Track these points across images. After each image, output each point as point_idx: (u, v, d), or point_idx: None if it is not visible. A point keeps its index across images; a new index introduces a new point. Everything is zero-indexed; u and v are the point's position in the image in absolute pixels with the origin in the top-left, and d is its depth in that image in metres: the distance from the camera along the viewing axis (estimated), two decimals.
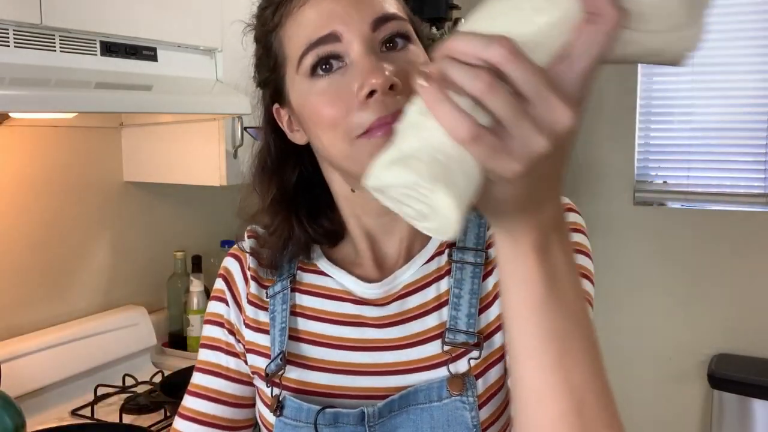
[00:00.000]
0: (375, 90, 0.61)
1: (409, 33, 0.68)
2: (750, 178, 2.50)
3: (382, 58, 0.64)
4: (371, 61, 0.63)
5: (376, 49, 0.65)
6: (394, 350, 0.72)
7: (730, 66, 2.48)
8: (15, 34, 1.22)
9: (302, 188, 0.77)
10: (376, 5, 0.66)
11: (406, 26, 0.68)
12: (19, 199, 1.66)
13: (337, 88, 0.65)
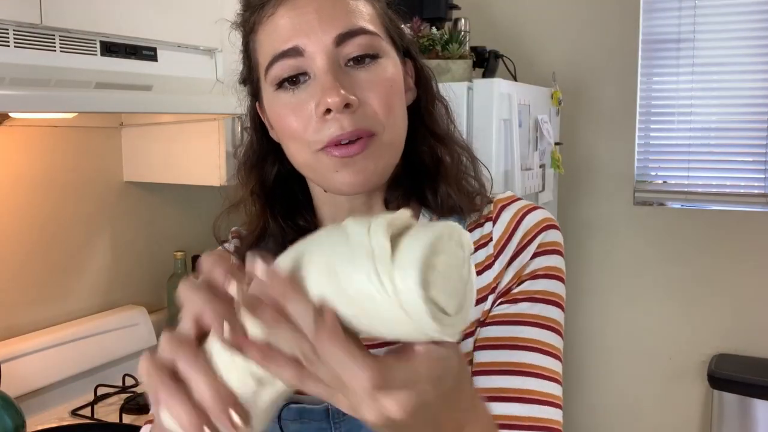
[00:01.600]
0: (330, 108, 0.64)
1: (377, 48, 0.68)
2: (750, 178, 2.50)
3: (344, 75, 0.66)
4: (328, 79, 0.64)
5: (338, 65, 0.66)
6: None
7: (730, 66, 2.48)
8: (15, 34, 1.22)
9: (281, 184, 0.78)
10: (342, 20, 0.66)
11: (373, 41, 0.68)
12: (19, 199, 1.66)
13: (298, 103, 0.67)
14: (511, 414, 0.65)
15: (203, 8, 1.62)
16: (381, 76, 0.68)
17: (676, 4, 2.53)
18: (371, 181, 0.68)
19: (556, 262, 0.74)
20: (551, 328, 0.70)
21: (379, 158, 0.68)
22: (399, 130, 0.70)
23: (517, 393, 0.66)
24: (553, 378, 0.68)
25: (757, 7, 2.43)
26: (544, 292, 0.71)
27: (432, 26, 2.39)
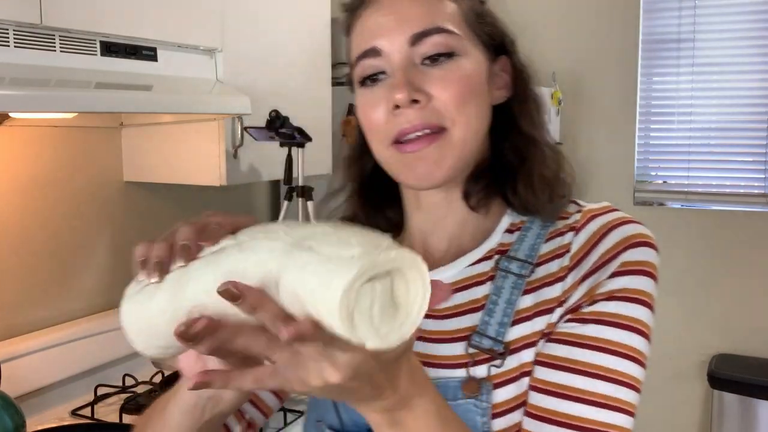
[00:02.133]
0: (398, 105, 0.67)
1: (454, 47, 0.69)
2: (750, 178, 2.50)
3: (418, 72, 0.68)
4: (398, 76, 0.68)
5: (411, 64, 0.69)
6: (425, 342, 0.71)
7: (730, 66, 2.48)
8: (15, 34, 1.22)
9: (375, 178, 0.80)
10: (418, 20, 0.69)
11: (449, 40, 0.69)
12: (19, 199, 1.66)
13: (375, 100, 0.71)
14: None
15: (203, 8, 1.62)
16: (455, 73, 0.69)
17: (676, 4, 2.53)
18: (437, 176, 0.69)
19: (640, 284, 0.65)
20: (621, 354, 0.64)
21: (447, 154, 0.69)
22: (472, 127, 0.70)
23: (567, 419, 0.63)
24: (613, 407, 0.64)
25: (757, 7, 2.43)
26: (616, 316, 0.64)
27: None
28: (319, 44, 2.13)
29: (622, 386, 0.64)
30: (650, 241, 0.67)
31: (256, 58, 1.83)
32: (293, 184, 1.80)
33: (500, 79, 0.75)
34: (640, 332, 0.64)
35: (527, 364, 0.67)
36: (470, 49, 0.71)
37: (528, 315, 0.68)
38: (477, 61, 0.71)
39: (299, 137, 1.74)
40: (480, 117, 0.71)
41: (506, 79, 0.76)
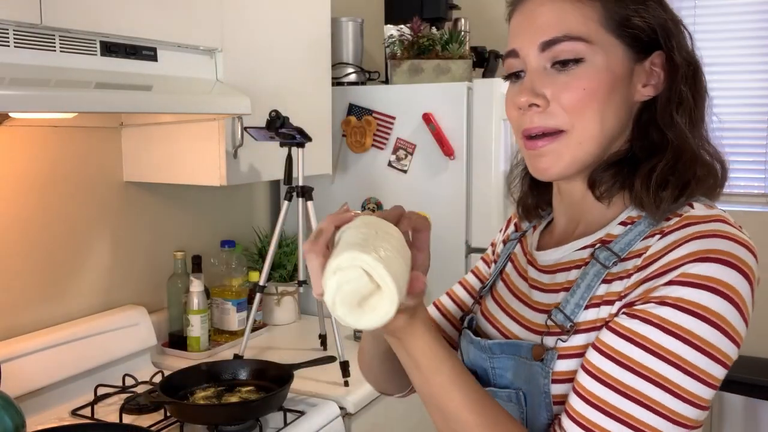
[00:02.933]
0: (519, 107, 0.77)
1: (580, 53, 0.74)
2: (750, 178, 2.50)
3: (546, 76, 0.76)
4: (526, 80, 0.77)
5: (542, 68, 0.76)
6: (526, 306, 0.84)
7: (730, 66, 2.48)
8: (15, 34, 1.22)
9: None
10: (549, 28, 0.75)
11: (576, 47, 0.74)
12: (19, 199, 1.66)
13: (513, 95, 0.79)
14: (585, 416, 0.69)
15: (203, 8, 1.62)
16: (580, 78, 0.74)
17: (676, 4, 2.52)
18: (554, 171, 0.77)
19: (698, 297, 0.66)
20: (659, 355, 0.66)
21: (565, 152, 0.76)
22: (591, 129, 0.75)
23: (599, 402, 0.68)
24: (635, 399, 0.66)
25: (757, 7, 2.43)
26: (664, 320, 0.66)
27: (432, 26, 2.40)
28: (319, 44, 2.13)
29: (658, 388, 0.66)
30: (727, 259, 0.67)
31: (256, 58, 1.83)
32: (293, 184, 1.80)
33: (651, 75, 0.78)
34: (685, 341, 0.65)
35: (587, 345, 0.73)
36: (604, 52, 0.74)
37: (598, 302, 0.74)
38: (612, 63, 0.75)
39: (299, 137, 1.74)
40: (605, 118, 0.75)
41: (659, 75, 0.78)
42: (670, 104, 0.77)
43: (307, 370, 1.72)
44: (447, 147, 2.17)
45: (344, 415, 1.66)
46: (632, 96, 0.77)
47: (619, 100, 0.75)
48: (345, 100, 2.34)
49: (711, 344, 0.65)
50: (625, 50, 0.75)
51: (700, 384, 0.66)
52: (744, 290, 0.67)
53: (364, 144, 2.30)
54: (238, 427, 1.47)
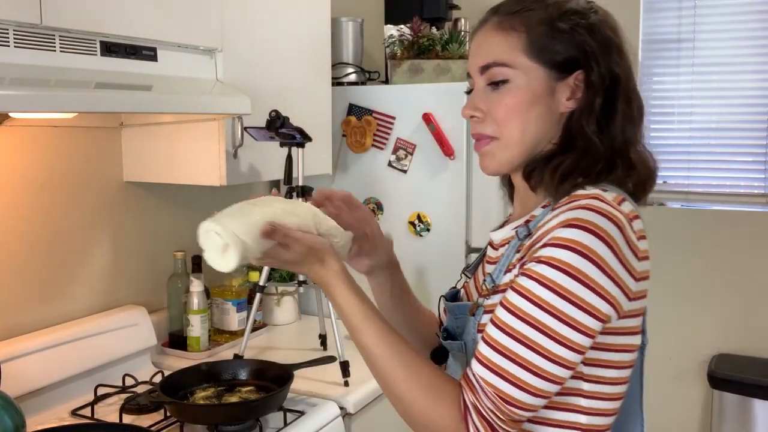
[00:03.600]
0: (464, 117, 0.98)
1: (505, 75, 0.93)
2: (750, 178, 2.50)
3: (485, 93, 0.95)
4: (471, 97, 0.97)
5: (482, 87, 0.96)
6: (483, 276, 1.05)
7: (730, 66, 2.48)
8: (15, 34, 1.22)
9: None
10: (484, 55, 0.95)
11: (502, 71, 0.93)
12: (19, 199, 1.66)
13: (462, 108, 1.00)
14: (488, 357, 0.86)
15: (203, 8, 1.62)
16: (505, 96, 0.93)
17: (676, 4, 2.53)
18: (490, 169, 0.98)
19: (562, 255, 0.82)
20: (538, 305, 0.82)
21: (495, 154, 0.96)
22: (514, 136, 0.93)
23: (498, 345, 0.85)
24: (500, 327, 0.85)
25: (757, 7, 2.43)
26: (540, 275, 0.83)
27: (432, 26, 2.39)
28: (319, 44, 2.13)
29: (534, 329, 0.83)
30: (586, 225, 0.82)
31: (256, 58, 1.83)
32: (293, 184, 1.80)
33: (574, 90, 0.93)
34: (557, 292, 0.82)
35: (499, 302, 0.90)
36: (525, 75, 0.92)
37: (511, 268, 0.93)
38: (532, 83, 0.92)
39: (299, 137, 1.74)
40: (526, 127, 0.93)
41: (580, 90, 0.93)
42: (582, 114, 0.93)
43: (307, 370, 1.72)
44: (447, 147, 2.17)
45: (344, 415, 1.66)
46: (558, 107, 0.93)
47: (541, 112, 0.92)
48: (345, 100, 2.34)
49: (575, 294, 0.81)
50: (545, 72, 0.92)
51: (569, 328, 0.81)
52: (601, 250, 0.81)
53: (364, 144, 2.30)
54: (238, 427, 1.47)
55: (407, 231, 2.29)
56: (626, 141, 0.94)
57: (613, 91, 0.93)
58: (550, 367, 0.82)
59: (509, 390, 0.83)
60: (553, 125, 0.94)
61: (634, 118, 0.95)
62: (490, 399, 0.84)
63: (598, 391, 0.90)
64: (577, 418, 0.90)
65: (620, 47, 0.95)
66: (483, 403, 0.84)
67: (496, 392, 0.83)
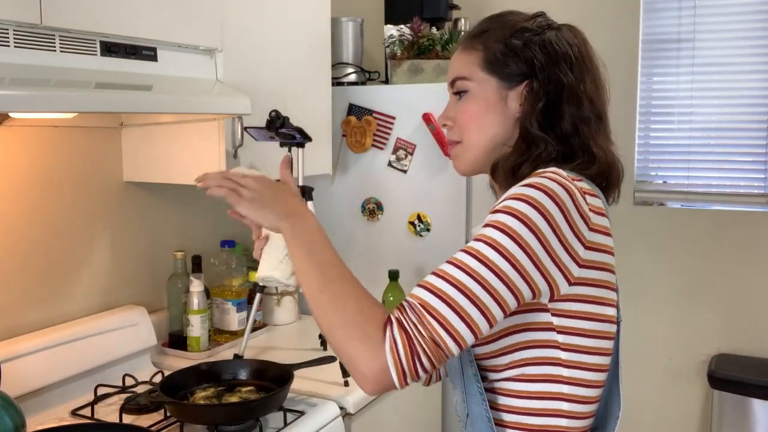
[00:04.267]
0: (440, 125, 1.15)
1: (466, 87, 1.08)
2: (750, 178, 2.50)
3: (455, 103, 1.11)
4: (446, 107, 1.13)
5: (454, 97, 1.11)
6: None
7: (730, 66, 2.48)
8: (15, 34, 1.22)
9: None
10: (452, 72, 1.11)
11: (464, 84, 1.08)
12: (18, 199, 1.66)
13: None
14: (426, 279, 0.91)
15: (203, 8, 1.62)
16: (465, 106, 1.09)
17: (676, 4, 2.53)
18: (460, 169, 1.12)
19: (517, 205, 0.90)
20: (475, 237, 0.91)
21: (460, 157, 1.11)
22: (474, 139, 1.08)
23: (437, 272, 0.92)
24: (434, 272, 0.91)
25: (757, 7, 2.43)
26: (490, 219, 0.92)
27: (432, 26, 2.39)
28: (319, 44, 2.13)
29: (462, 252, 0.91)
30: (538, 185, 0.91)
31: (256, 58, 1.83)
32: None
33: (524, 98, 1.04)
34: (498, 228, 0.89)
35: None
36: (480, 86, 1.07)
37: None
38: (486, 93, 1.06)
39: (299, 137, 1.74)
40: (483, 131, 1.07)
41: (527, 97, 1.04)
42: (526, 117, 1.04)
43: (307, 370, 1.72)
44: (447, 147, 2.17)
45: (344, 415, 1.66)
46: (512, 113, 1.06)
47: (495, 117, 1.06)
48: (345, 100, 2.34)
49: (521, 237, 0.88)
50: (498, 83, 1.06)
51: (509, 265, 0.87)
52: (549, 206, 0.89)
53: (364, 144, 2.30)
54: (238, 427, 1.47)
55: (407, 231, 2.29)
56: (584, 138, 1.03)
57: (559, 96, 1.03)
58: (483, 296, 0.86)
59: (437, 304, 0.86)
60: (509, 129, 1.06)
61: (588, 118, 1.04)
62: (415, 312, 0.86)
63: (577, 361, 0.96)
64: (559, 388, 0.97)
65: (574, 58, 1.05)
66: (407, 315, 0.87)
67: (423, 305, 0.86)
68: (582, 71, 1.06)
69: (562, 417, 0.98)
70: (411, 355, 0.84)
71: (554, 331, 0.95)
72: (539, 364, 0.96)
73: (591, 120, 1.04)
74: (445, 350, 0.86)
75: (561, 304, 0.94)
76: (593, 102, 1.05)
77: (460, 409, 1.08)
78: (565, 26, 1.10)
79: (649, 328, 2.60)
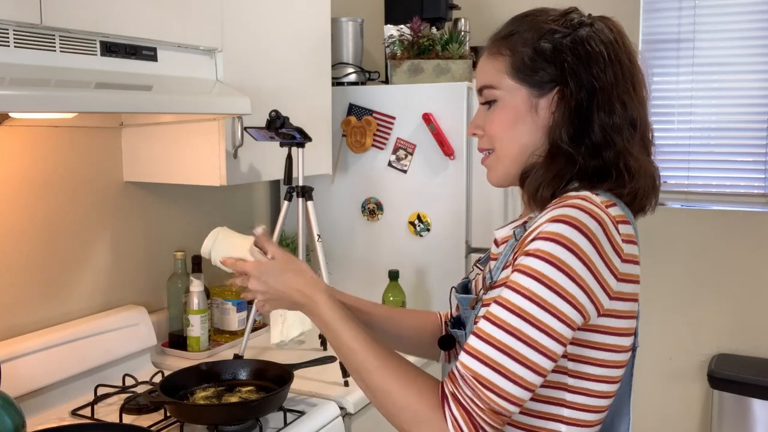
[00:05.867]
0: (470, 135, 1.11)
1: (495, 96, 1.03)
2: (750, 178, 2.50)
3: (483, 112, 1.06)
4: (474, 116, 1.08)
5: (482, 107, 1.07)
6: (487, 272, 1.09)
7: (730, 66, 2.48)
8: (15, 34, 1.22)
9: None
10: (480, 79, 1.05)
11: (492, 92, 1.03)
12: (18, 199, 1.66)
13: None
14: (474, 347, 0.89)
15: (203, 8, 1.62)
16: (494, 115, 1.03)
17: (676, 4, 2.53)
18: (493, 179, 1.08)
19: (547, 246, 0.87)
20: (525, 296, 0.87)
21: (494, 168, 1.06)
22: (506, 149, 1.03)
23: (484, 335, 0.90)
24: (477, 334, 0.89)
25: (757, 7, 2.43)
26: (528, 267, 0.88)
27: (432, 26, 2.39)
28: (319, 44, 2.13)
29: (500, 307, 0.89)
30: (569, 221, 0.87)
31: (256, 58, 1.83)
32: (293, 184, 1.80)
33: (557, 104, 0.98)
34: (541, 281, 0.86)
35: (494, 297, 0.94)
36: (510, 95, 1.01)
37: (509, 265, 0.98)
38: (516, 102, 1.01)
39: (299, 137, 1.74)
40: (514, 140, 1.02)
41: (559, 104, 0.98)
42: (556, 127, 0.98)
43: (307, 370, 1.72)
44: (447, 147, 2.17)
45: (344, 415, 1.66)
46: (543, 122, 1.00)
47: (526, 127, 1.01)
48: (345, 100, 2.34)
49: (557, 284, 0.86)
50: (527, 91, 1.00)
51: (551, 317, 0.85)
52: (582, 244, 0.86)
53: (364, 144, 2.30)
54: (238, 427, 1.47)
55: (407, 231, 2.29)
56: (618, 150, 0.95)
57: (591, 102, 0.95)
58: (531, 354, 0.85)
59: (489, 375, 0.85)
60: (540, 138, 1.00)
61: (620, 127, 0.95)
62: (469, 386, 0.86)
63: (583, 387, 0.94)
64: (560, 411, 0.95)
65: (608, 58, 0.96)
66: (462, 390, 0.86)
67: (476, 377, 0.86)
68: (616, 72, 0.97)
69: None
70: (474, 430, 0.85)
71: (566, 358, 0.93)
72: (544, 386, 0.94)
73: (623, 128, 0.96)
74: (505, 414, 0.86)
75: (582, 334, 0.92)
76: (626, 106, 0.96)
77: None
78: (599, 19, 1.00)
79: (649, 328, 2.60)
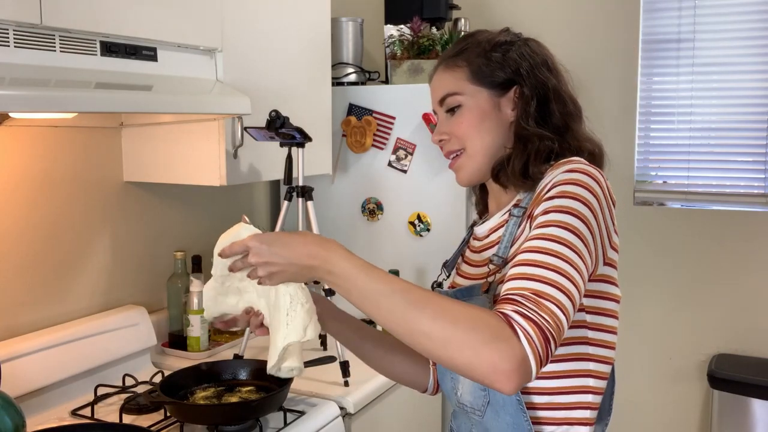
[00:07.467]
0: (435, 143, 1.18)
1: (458, 102, 1.12)
2: (750, 178, 2.50)
3: (446, 120, 1.14)
4: (437, 126, 1.16)
5: (444, 115, 1.15)
6: (470, 266, 1.19)
7: (730, 66, 2.48)
8: (15, 34, 1.22)
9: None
10: (440, 90, 1.15)
11: (455, 99, 1.12)
12: (19, 199, 1.66)
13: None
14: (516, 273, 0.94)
15: (203, 8, 1.62)
16: (461, 117, 1.12)
17: (676, 4, 2.53)
18: (462, 180, 1.15)
19: (569, 176, 0.97)
20: (541, 224, 0.95)
21: (465, 167, 1.13)
22: (476, 147, 1.11)
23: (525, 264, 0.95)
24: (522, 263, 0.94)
25: (757, 7, 2.43)
26: (554, 206, 0.96)
27: (432, 26, 2.39)
28: (319, 44, 2.13)
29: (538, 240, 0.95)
30: (580, 167, 0.99)
31: (256, 58, 1.83)
32: (293, 184, 1.80)
33: (514, 102, 1.11)
34: (563, 211, 0.95)
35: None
36: (472, 98, 1.11)
37: (516, 240, 1.05)
38: (480, 103, 1.11)
39: (299, 137, 1.74)
40: (482, 138, 1.11)
41: (517, 101, 1.11)
42: (521, 119, 1.11)
43: (307, 370, 1.72)
44: None
45: (344, 415, 1.66)
46: (505, 118, 1.12)
47: (492, 124, 1.11)
48: (345, 100, 2.34)
49: (584, 215, 0.95)
50: (488, 92, 1.11)
51: (580, 240, 0.93)
52: (595, 173, 0.98)
53: (364, 144, 2.30)
54: (238, 427, 1.47)
55: (407, 231, 2.29)
56: (572, 129, 1.12)
57: (547, 97, 1.11)
58: (574, 274, 0.91)
59: (547, 289, 0.89)
60: (505, 133, 1.12)
61: (572, 113, 1.13)
62: (531, 300, 0.89)
63: (602, 339, 1.04)
64: (587, 365, 1.03)
65: (548, 62, 1.14)
66: (525, 305, 0.88)
67: (535, 293, 0.89)
68: (558, 74, 1.15)
69: (590, 393, 1.03)
70: (544, 341, 0.86)
71: (583, 311, 1.01)
72: (568, 344, 1.01)
73: (574, 114, 1.13)
74: (564, 329, 0.89)
75: (592, 285, 1.00)
76: (573, 100, 1.15)
77: (472, 398, 1.08)
78: (530, 39, 1.18)
79: (649, 328, 2.60)
